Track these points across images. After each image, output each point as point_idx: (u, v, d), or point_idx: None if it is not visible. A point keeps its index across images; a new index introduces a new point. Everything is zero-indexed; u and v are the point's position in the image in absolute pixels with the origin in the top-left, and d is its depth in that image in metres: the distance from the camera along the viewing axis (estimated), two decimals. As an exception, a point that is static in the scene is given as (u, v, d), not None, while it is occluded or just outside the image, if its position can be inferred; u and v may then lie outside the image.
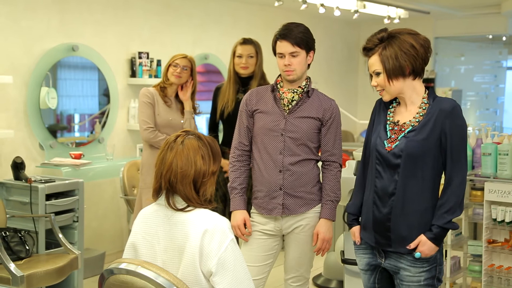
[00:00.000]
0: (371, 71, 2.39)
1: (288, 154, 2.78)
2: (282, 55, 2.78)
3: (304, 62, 2.81)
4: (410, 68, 2.32)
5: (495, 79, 9.21)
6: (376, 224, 2.40)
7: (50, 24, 4.70)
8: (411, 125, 2.36)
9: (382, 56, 2.32)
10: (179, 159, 2.05)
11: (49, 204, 3.86)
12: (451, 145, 2.30)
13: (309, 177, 2.82)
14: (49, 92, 4.62)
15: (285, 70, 2.79)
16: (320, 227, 2.82)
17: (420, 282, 2.35)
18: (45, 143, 4.64)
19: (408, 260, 2.36)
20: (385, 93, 2.39)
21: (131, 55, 5.30)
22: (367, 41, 2.40)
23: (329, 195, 2.83)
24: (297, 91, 2.82)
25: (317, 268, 4.81)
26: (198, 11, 6.00)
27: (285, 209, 2.81)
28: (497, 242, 3.56)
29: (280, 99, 2.83)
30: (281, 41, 2.78)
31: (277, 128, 2.79)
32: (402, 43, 2.31)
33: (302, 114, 2.81)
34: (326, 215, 2.83)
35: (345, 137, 7.75)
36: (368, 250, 2.48)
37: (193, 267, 1.99)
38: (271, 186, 2.80)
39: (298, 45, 2.76)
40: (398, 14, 7.06)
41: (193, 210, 2.06)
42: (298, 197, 2.81)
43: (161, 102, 3.81)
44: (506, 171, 3.44)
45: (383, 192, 2.37)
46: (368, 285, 2.52)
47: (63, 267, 3.57)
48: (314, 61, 2.94)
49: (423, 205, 2.33)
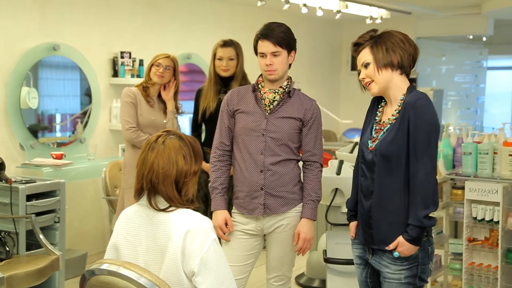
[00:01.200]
0: (360, 64, 2.43)
1: (269, 154, 2.79)
2: (263, 54, 2.79)
3: (286, 62, 2.81)
4: (398, 59, 2.36)
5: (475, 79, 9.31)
6: (362, 222, 2.46)
7: (31, 23, 4.66)
8: (389, 123, 2.39)
9: (373, 48, 2.38)
10: (161, 159, 2.04)
11: (29, 205, 3.82)
12: (414, 139, 2.29)
13: (290, 177, 2.83)
14: (30, 92, 4.58)
15: (266, 69, 2.79)
16: (301, 227, 2.83)
17: (401, 280, 2.36)
18: (25, 143, 4.60)
19: (389, 257, 2.38)
20: (374, 85, 2.40)
21: (113, 55, 5.27)
22: (357, 39, 2.45)
23: (311, 195, 2.84)
24: (278, 91, 2.83)
25: (300, 267, 4.82)
26: (181, 11, 5.98)
27: (267, 208, 2.81)
28: (478, 240, 3.60)
29: (261, 99, 2.83)
30: (263, 41, 2.78)
31: (258, 128, 2.80)
32: (393, 37, 2.38)
33: (283, 114, 2.81)
34: (307, 215, 2.84)
35: (327, 136, 7.78)
36: (360, 244, 2.53)
37: (175, 267, 1.98)
38: (252, 186, 2.81)
39: (279, 45, 2.76)
40: (380, 14, 7.10)
41: (175, 210, 2.05)
42: (279, 197, 2.81)
43: (143, 102, 3.80)
44: (486, 170, 3.48)
45: (366, 190, 2.42)
46: (361, 279, 2.57)
47: (44, 268, 3.54)
48: (297, 61, 2.95)
49: (400, 203, 2.35)
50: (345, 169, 3.63)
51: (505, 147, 3.43)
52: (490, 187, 3.43)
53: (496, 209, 3.44)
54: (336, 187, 3.62)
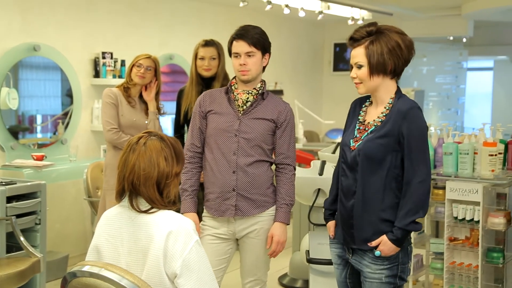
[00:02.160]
0: (353, 62, 2.40)
1: (242, 155, 2.76)
2: (237, 54, 2.77)
3: (260, 63, 2.79)
4: (392, 67, 2.35)
5: (456, 79, 9.40)
6: (342, 221, 2.46)
7: (11, 23, 4.61)
8: (374, 125, 2.39)
9: (369, 50, 2.34)
10: (142, 160, 2.03)
11: (10, 207, 3.78)
12: (409, 147, 2.32)
13: (262, 179, 2.80)
14: (10, 92, 4.53)
15: (240, 70, 2.77)
16: (274, 230, 2.79)
17: (382, 279, 2.38)
18: (5, 144, 4.55)
19: (369, 257, 2.39)
20: (362, 86, 2.40)
21: (95, 55, 5.24)
22: (354, 31, 2.40)
23: (284, 199, 2.81)
24: (251, 92, 2.81)
25: (283, 267, 4.83)
26: (163, 12, 5.96)
27: (238, 210, 2.77)
28: (458, 239, 3.63)
29: (234, 100, 2.81)
30: (238, 41, 2.77)
31: (231, 129, 2.77)
32: (390, 40, 2.34)
33: (256, 115, 2.79)
34: (281, 219, 2.80)
35: (310, 137, 7.80)
36: (339, 244, 2.53)
37: (157, 269, 1.98)
38: (224, 187, 2.77)
39: (254, 45, 2.76)
40: (361, 15, 7.15)
41: (157, 212, 2.04)
42: (251, 199, 2.78)
43: (124, 102, 3.78)
44: (466, 170, 3.51)
45: (347, 190, 2.42)
46: (340, 279, 2.56)
47: (25, 270, 3.50)
48: (279, 62, 2.96)
49: (383, 204, 2.36)
50: (327, 169, 3.65)
51: (485, 147, 3.46)
52: (471, 187, 3.46)
53: (477, 209, 3.47)
54: (319, 188, 3.63)
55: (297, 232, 4.83)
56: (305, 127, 7.35)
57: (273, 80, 7.58)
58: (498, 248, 3.55)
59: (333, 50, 8.60)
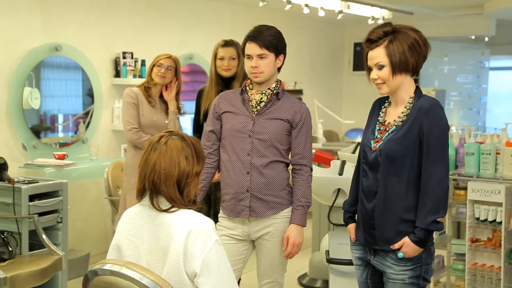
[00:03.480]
0: (372, 64, 2.37)
1: (256, 156, 2.74)
2: (250, 56, 2.75)
3: (273, 65, 2.77)
4: (413, 64, 2.34)
5: (477, 79, 9.30)
6: (363, 222, 2.44)
7: (33, 24, 4.66)
8: (395, 125, 2.37)
9: (389, 49, 2.32)
10: (163, 160, 2.04)
11: (32, 205, 3.83)
12: (428, 144, 2.30)
13: (277, 180, 2.77)
14: (32, 92, 4.58)
15: (252, 72, 2.75)
16: (290, 232, 2.76)
17: (405, 280, 2.36)
18: (28, 143, 4.60)
19: (392, 258, 2.37)
20: (385, 86, 2.37)
21: (115, 55, 5.28)
22: (370, 33, 2.37)
23: (300, 200, 2.78)
24: (265, 92, 2.78)
25: (302, 267, 4.82)
26: (182, 11, 5.98)
27: (252, 211, 2.76)
28: (480, 241, 3.60)
29: (248, 100, 2.79)
30: (250, 43, 2.75)
31: (245, 130, 2.75)
32: (408, 38, 2.32)
33: (271, 115, 2.77)
34: (297, 221, 2.77)
35: (330, 137, 7.78)
36: (360, 246, 2.51)
37: (177, 268, 1.98)
38: (238, 188, 2.76)
39: (266, 48, 2.72)
40: (382, 14, 7.10)
41: (177, 211, 2.05)
42: (264, 200, 2.76)
43: (145, 102, 3.80)
44: (489, 171, 3.47)
45: (368, 190, 2.40)
46: (361, 280, 2.55)
47: (47, 268, 3.54)
48: (298, 61, 2.94)
49: (405, 204, 2.34)
50: (347, 169, 3.63)
51: (507, 148, 3.42)
52: (493, 188, 3.42)
53: (499, 210, 3.43)
54: (339, 188, 3.62)
55: (317, 232, 4.82)
56: (325, 127, 7.33)
57: (292, 79, 7.57)
58: (521, 249, 3.51)
59: (353, 49, 8.56)
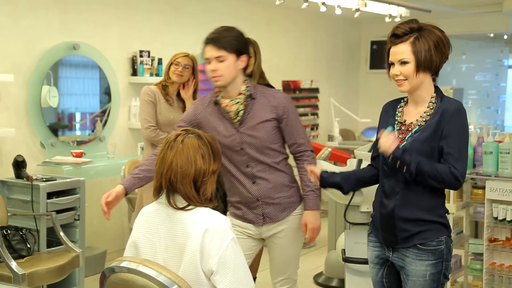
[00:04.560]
0: (396, 59, 2.31)
1: (255, 165, 2.69)
2: (208, 60, 2.64)
3: (233, 66, 2.62)
4: (437, 63, 2.31)
5: (496, 77, 9.21)
6: (383, 223, 2.40)
7: (51, 23, 4.70)
8: (418, 125, 2.34)
9: (416, 46, 2.28)
10: (179, 158, 2.05)
11: (50, 203, 3.86)
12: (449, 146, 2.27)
13: (284, 180, 2.74)
14: (50, 90, 4.62)
15: (212, 76, 2.63)
16: (307, 218, 2.73)
17: (426, 277, 2.34)
18: (46, 141, 4.64)
19: (413, 253, 2.35)
20: (407, 83, 2.32)
21: (132, 54, 5.30)
22: (396, 28, 2.32)
23: (309, 186, 2.72)
24: (239, 100, 2.66)
25: (318, 266, 4.82)
26: (199, 10, 5.99)
27: (267, 218, 2.74)
28: (498, 240, 3.56)
29: (225, 112, 2.67)
30: (207, 46, 2.64)
31: (235, 144, 2.67)
32: (434, 36, 2.30)
33: (254, 121, 2.66)
34: (311, 207, 2.73)
35: (346, 135, 7.75)
36: (378, 243, 2.48)
37: (194, 265, 1.99)
38: (248, 198, 2.73)
39: (224, 49, 2.60)
40: (399, 12, 7.05)
41: (194, 209, 2.06)
42: (277, 204, 2.73)
43: (162, 100, 3.81)
44: (507, 170, 3.44)
45: (390, 191, 2.37)
46: (376, 279, 2.52)
47: (64, 265, 3.57)
48: (315, 60, 2.91)
49: (427, 203, 2.33)
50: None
51: (526, 147, 3.39)
52: (511, 187, 3.39)
53: (518, 209, 3.40)
54: (355, 186, 3.59)
55: (333, 231, 4.80)
56: (341, 125, 7.30)
57: (308, 78, 7.55)
58: (540, 249, 3.47)
59: (369, 48, 8.52)
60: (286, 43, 7.23)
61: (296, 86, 7.39)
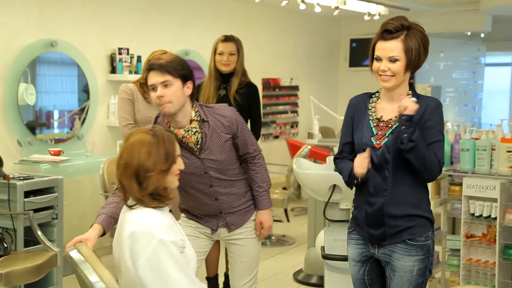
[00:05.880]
0: (385, 55, 2.30)
1: (217, 184, 2.70)
2: (153, 86, 2.48)
3: (180, 92, 2.50)
4: (422, 63, 2.34)
5: (473, 75, 9.32)
6: (370, 221, 2.40)
7: (29, 19, 4.65)
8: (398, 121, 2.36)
9: (407, 44, 2.28)
10: (126, 151, 2.08)
11: (27, 201, 3.82)
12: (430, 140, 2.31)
13: (241, 190, 2.77)
14: (28, 88, 4.57)
15: (160, 103, 2.48)
16: (262, 217, 2.79)
17: (413, 272, 2.35)
18: (23, 139, 4.59)
19: (401, 248, 2.36)
20: (393, 80, 2.32)
21: (111, 51, 5.26)
22: (387, 23, 2.31)
23: (261, 186, 2.77)
24: (195, 129, 2.59)
25: (298, 263, 4.83)
26: (178, 8, 5.97)
27: (231, 225, 2.78)
28: (475, 236, 3.61)
29: (183, 143, 2.58)
30: (151, 72, 2.49)
31: (199, 171, 2.64)
32: (423, 37, 2.31)
33: (213, 146, 2.62)
34: (265, 206, 2.79)
35: (325, 133, 7.78)
36: (361, 241, 2.47)
37: (127, 268, 2.02)
38: (210, 212, 2.76)
39: (170, 73, 2.47)
40: (378, 10, 7.10)
41: (136, 209, 2.07)
42: (238, 211, 2.78)
43: (140, 98, 3.79)
44: (484, 167, 3.48)
45: (376, 189, 2.36)
46: (357, 277, 2.50)
47: (42, 264, 3.54)
48: (295, 57, 2.92)
49: (415, 197, 2.35)
50: (343, 165, 3.62)
51: (503, 144, 3.43)
52: (488, 184, 3.43)
53: (494, 206, 3.44)
54: (334, 184, 3.61)
55: (312, 228, 4.82)
56: (321, 123, 7.33)
57: (288, 75, 7.57)
58: (516, 245, 3.52)
59: (349, 45, 8.56)
60: (266, 41, 7.23)
61: (275, 84, 7.40)
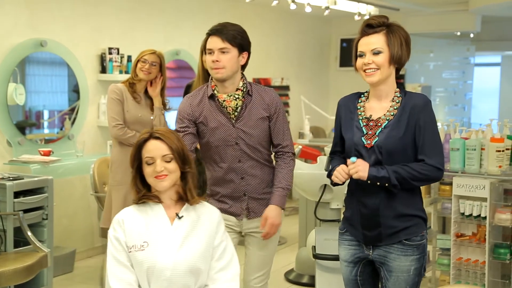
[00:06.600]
0: (368, 49, 2.31)
1: (246, 160, 2.71)
2: (211, 51, 2.61)
3: (235, 61, 2.63)
4: (405, 58, 2.35)
5: (463, 75, 9.37)
6: (365, 222, 2.39)
7: (18, 19, 4.62)
8: (387, 119, 2.35)
9: (390, 38, 2.31)
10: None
11: (17, 202, 3.80)
12: (424, 139, 2.31)
13: (268, 177, 2.77)
14: (17, 88, 4.54)
15: (213, 67, 2.61)
16: (269, 212, 2.71)
17: (410, 272, 2.35)
18: (13, 139, 4.57)
19: (397, 249, 2.36)
20: (378, 73, 2.32)
21: (101, 51, 5.24)
22: (370, 19, 2.34)
23: (281, 182, 2.75)
24: (238, 96, 2.67)
25: (289, 263, 4.84)
26: (169, 7, 5.96)
27: (251, 212, 2.76)
28: (465, 235, 3.62)
29: (222, 107, 2.67)
30: (212, 37, 2.62)
31: (231, 139, 2.68)
32: (403, 33, 2.34)
33: (250, 118, 2.68)
34: (276, 202, 2.72)
35: (316, 132, 7.79)
36: (354, 242, 2.45)
37: None
38: (235, 192, 2.74)
39: (229, 42, 2.60)
40: (368, 10, 7.13)
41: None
42: (262, 199, 2.76)
43: (130, 98, 3.78)
44: (473, 166, 3.50)
45: (371, 189, 2.35)
46: (349, 278, 2.49)
47: (32, 265, 3.52)
48: (286, 57, 2.92)
49: (409, 198, 2.35)
50: (333, 165, 3.63)
51: (492, 143, 3.44)
52: (478, 183, 3.45)
53: (484, 205, 3.46)
54: (325, 184, 3.62)
55: (303, 228, 4.83)
56: (311, 123, 7.34)
57: (279, 75, 7.57)
58: (505, 244, 3.54)
59: (339, 45, 8.58)
60: (257, 41, 7.19)
61: (266, 84, 7.40)
